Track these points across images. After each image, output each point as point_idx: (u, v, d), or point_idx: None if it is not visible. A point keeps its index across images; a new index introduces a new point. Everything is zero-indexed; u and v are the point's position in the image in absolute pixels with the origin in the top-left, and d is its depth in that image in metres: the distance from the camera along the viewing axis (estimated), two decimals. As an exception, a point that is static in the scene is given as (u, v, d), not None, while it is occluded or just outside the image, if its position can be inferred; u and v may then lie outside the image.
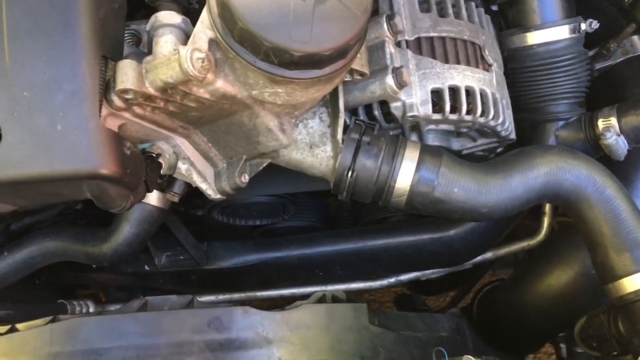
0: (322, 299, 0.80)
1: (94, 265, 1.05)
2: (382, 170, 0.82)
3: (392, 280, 1.22)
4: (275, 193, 1.01)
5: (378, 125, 0.85)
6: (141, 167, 0.74)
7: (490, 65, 0.94)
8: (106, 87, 0.69)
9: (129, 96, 0.69)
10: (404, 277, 1.22)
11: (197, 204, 1.20)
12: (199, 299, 0.77)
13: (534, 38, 0.99)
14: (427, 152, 0.83)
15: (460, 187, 0.82)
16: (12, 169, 0.65)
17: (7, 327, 0.74)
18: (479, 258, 1.14)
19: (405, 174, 0.82)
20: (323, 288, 1.17)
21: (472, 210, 0.83)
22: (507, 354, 1.16)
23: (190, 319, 0.70)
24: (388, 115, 0.89)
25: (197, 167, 0.84)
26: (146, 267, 1.09)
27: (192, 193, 1.09)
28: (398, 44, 0.90)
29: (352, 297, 0.85)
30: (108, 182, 0.68)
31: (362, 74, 0.81)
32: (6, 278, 0.96)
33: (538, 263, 1.08)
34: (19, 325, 0.74)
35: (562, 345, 1.26)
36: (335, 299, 0.82)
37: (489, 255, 1.20)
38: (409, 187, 0.82)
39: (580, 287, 1.00)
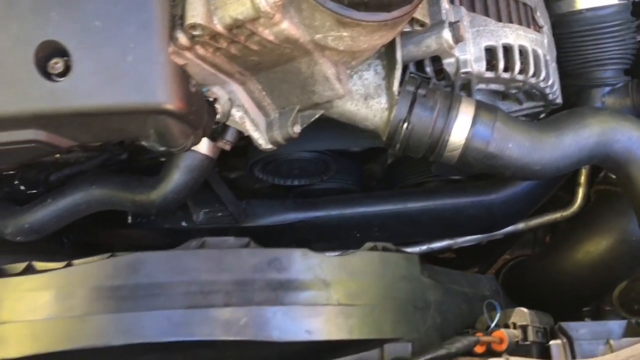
0: (373, 249, 0.80)
1: (137, 219, 1.05)
2: (438, 123, 0.82)
3: (424, 247, 1.22)
4: (321, 149, 1.01)
5: (432, 79, 0.85)
6: (204, 106, 0.73)
7: (541, 27, 0.94)
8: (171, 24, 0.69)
9: (197, 32, 0.68)
10: (437, 244, 1.23)
11: (232, 165, 1.20)
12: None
13: (582, 3, 0.99)
14: (483, 107, 0.83)
15: (515, 143, 0.82)
16: (81, 100, 0.65)
17: (64, 262, 0.74)
18: (510, 228, 1.15)
19: (461, 128, 0.82)
20: (356, 253, 1.17)
21: (525, 168, 0.83)
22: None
23: (250, 258, 0.70)
24: (439, 72, 0.89)
25: (250, 116, 0.84)
26: (183, 224, 1.09)
27: (228, 154, 1.09)
28: (451, 1, 0.89)
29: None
30: (174, 118, 0.68)
31: (422, 24, 0.80)
32: (49, 225, 0.96)
33: (575, 231, 1.08)
34: (75, 261, 0.74)
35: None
36: (386, 249, 0.82)
37: (520, 225, 1.21)
38: (463, 141, 0.82)
39: (620, 253, 1.00)
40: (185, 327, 0.66)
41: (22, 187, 1.00)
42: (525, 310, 0.77)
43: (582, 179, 1.15)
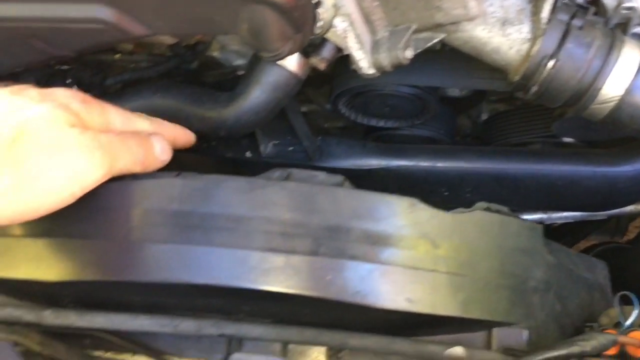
0: (487, 210, 0.65)
1: (199, 142, 0.92)
2: (593, 65, 0.65)
3: (513, 218, 1.07)
4: (425, 84, 0.84)
5: (592, 9, 0.68)
6: (310, 5, 0.58)
7: None
8: None
9: None
10: (528, 217, 1.07)
11: (307, 96, 1.05)
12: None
13: None
14: (652, 51, 0.66)
15: (688, 101, 0.65)
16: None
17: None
18: (629, 207, 0.98)
19: (621, 75, 0.65)
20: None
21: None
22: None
23: (349, 201, 0.56)
24: (592, 5, 0.72)
25: (356, 29, 0.68)
26: (248, 154, 0.95)
27: (304, 83, 0.93)
28: None
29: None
30: (276, 10, 0.53)
31: None
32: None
33: None
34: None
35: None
36: (500, 212, 0.66)
37: (629, 208, 1.04)
38: (622, 93, 0.65)
39: None
40: (262, 274, 0.52)
41: (75, 88, 0.88)
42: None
43: None
